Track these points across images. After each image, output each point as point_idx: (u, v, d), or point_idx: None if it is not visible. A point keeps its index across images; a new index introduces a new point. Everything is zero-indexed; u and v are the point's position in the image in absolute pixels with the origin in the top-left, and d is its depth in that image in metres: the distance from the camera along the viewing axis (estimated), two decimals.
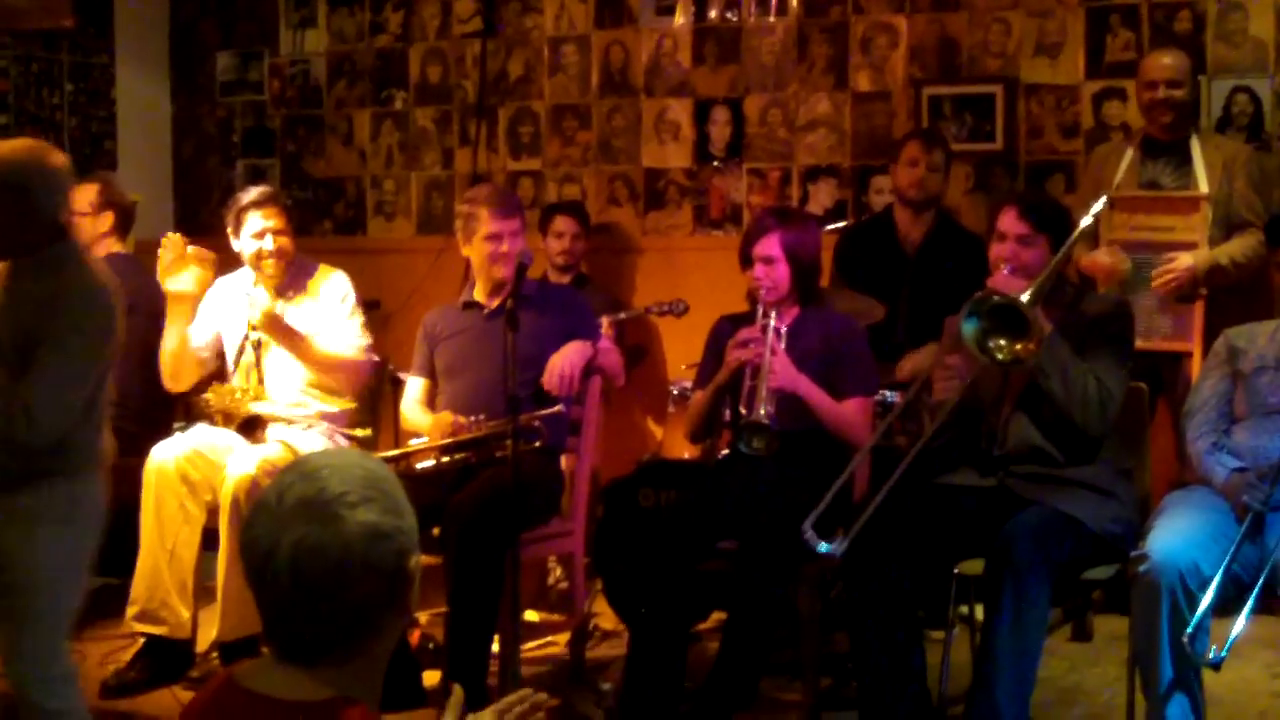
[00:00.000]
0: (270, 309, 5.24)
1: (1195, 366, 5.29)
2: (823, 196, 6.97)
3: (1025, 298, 4.03)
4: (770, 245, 4.82)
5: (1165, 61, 5.69)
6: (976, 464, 4.40)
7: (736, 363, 4.73)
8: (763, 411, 4.51)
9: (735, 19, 7.11)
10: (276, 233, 5.34)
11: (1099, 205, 4.71)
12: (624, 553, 4.58)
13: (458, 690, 2.49)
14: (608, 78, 7.37)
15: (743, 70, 7.11)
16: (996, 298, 4.07)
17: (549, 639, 5.58)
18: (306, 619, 2.14)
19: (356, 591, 2.13)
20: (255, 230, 5.33)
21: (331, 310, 5.41)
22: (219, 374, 5.48)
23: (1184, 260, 5.43)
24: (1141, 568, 3.91)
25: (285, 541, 2.12)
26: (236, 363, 5.37)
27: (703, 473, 5.00)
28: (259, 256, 5.34)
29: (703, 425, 5.03)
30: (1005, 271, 4.34)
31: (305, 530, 2.11)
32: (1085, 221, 4.55)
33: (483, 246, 5.12)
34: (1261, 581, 3.83)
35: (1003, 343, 4.07)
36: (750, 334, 4.73)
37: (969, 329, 4.06)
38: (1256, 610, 3.82)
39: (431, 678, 4.75)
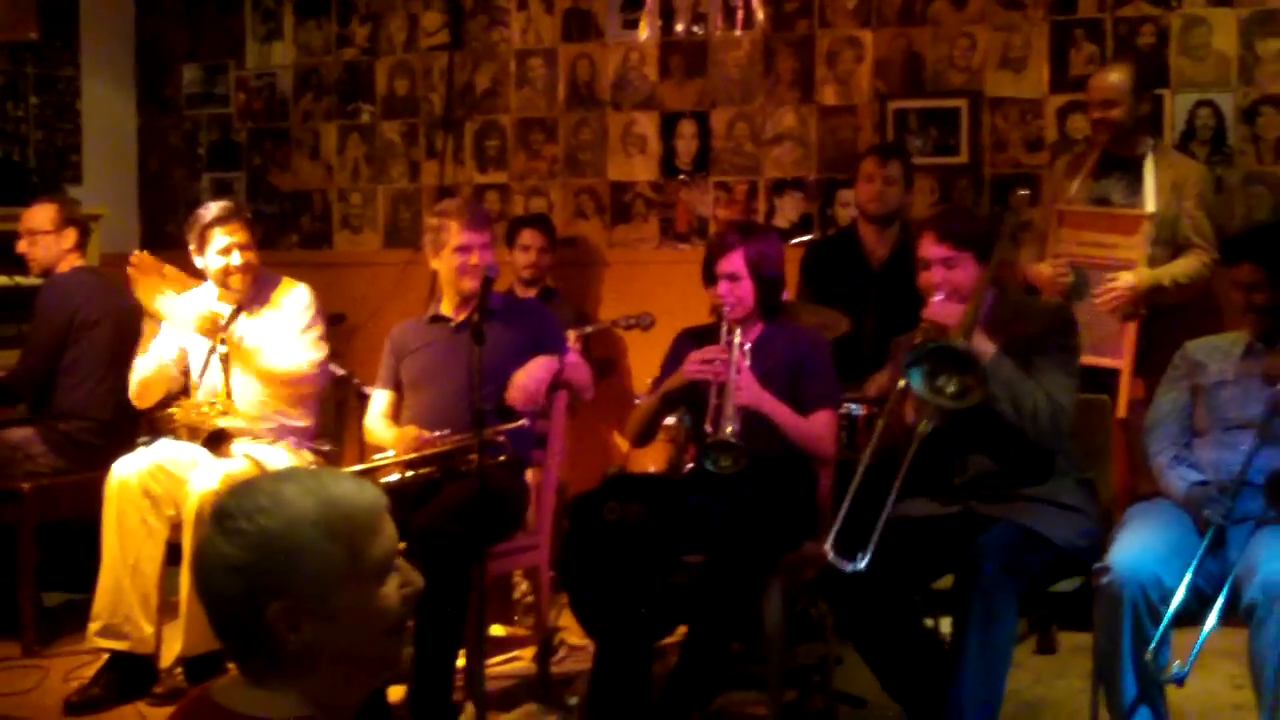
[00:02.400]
0: (210, 315, 5.22)
1: (1124, 383, 5.35)
2: (789, 210, 6.99)
3: (956, 336, 3.99)
4: (734, 262, 4.83)
5: (1105, 81, 5.72)
6: (938, 493, 4.40)
7: (694, 375, 4.73)
8: (729, 430, 4.51)
9: (701, 32, 7.13)
10: (242, 248, 5.33)
11: (1015, 202, 4.76)
12: (590, 567, 4.57)
13: (470, 708, 2.48)
14: (574, 91, 7.37)
15: (709, 84, 7.13)
16: (930, 344, 4.04)
17: (515, 654, 5.57)
18: (222, 634, 2.15)
19: (248, 608, 2.11)
20: (221, 246, 5.31)
21: (289, 321, 5.40)
22: (184, 389, 5.46)
23: (1127, 279, 5.46)
24: (1104, 580, 3.92)
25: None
26: (202, 377, 5.34)
27: (669, 486, 5.00)
28: (226, 272, 5.32)
29: (645, 430, 5.05)
30: (938, 298, 4.32)
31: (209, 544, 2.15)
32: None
33: (452, 259, 5.11)
34: (1224, 594, 3.84)
35: (952, 380, 4.05)
36: (715, 352, 4.73)
37: (916, 380, 4.04)
38: (1219, 623, 3.83)
39: (396, 693, 4.73)
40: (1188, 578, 3.83)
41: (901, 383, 4.24)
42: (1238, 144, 6.25)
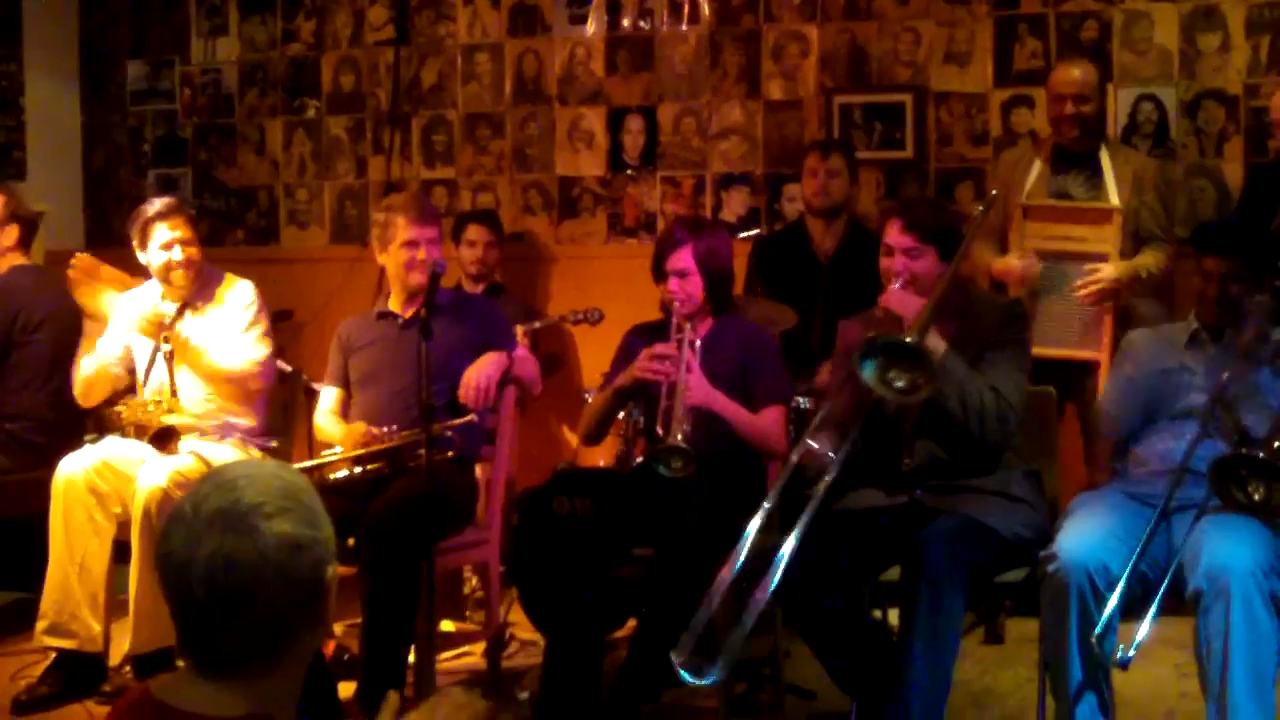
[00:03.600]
0: (154, 314, 5.21)
1: (1104, 375, 5.37)
2: (736, 204, 7.01)
3: (910, 335, 4.00)
4: (683, 258, 4.84)
5: (1073, 76, 5.73)
6: (885, 483, 4.41)
7: (645, 374, 4.74)
8: (679, 436, 4.50)
9: (648, 27, 7.14)
10: (184, 243, 5.32)
11: (986, 203, 4.79)
12: (539, 561, 4.57)
13: (392, 696, 2.49)
14: (521, 86, 7.37)
15: (656, 79, 7.14)
16: (884, 339, 4.05)
17: (465, 649, 5.58)
18: (222, 631, 2.13)
19: (272, 603, 2.12)
20: (163, 241, 5.30)
21: (233, 318, 5.38)
22: (129, 386, 5.43)
23: (1108, 270, 5.50)
24: (1050, 567, 3.95)
25: (201, 553, 2.11)
26: (147, 375, 5.32)
27: (618, 480, 5.01)
28: (168, 268, 5.31)
29: (597, 427, 5.05)
30: (897, 286, 4.34)
31: (221, 541, 2.11)
32: (976, 215, 4.61)
33: (399, 254, 5.10)
34: (1167, 581, 3.88)
35: (902, 374, 4.06)
36: (666, 350, 4.74)
37: (868, 372, 4.03)
38: (1164, 611, 3.86)
39: (347, 689, 4.73)
40: (1132, 563, 3.85)
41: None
42: (1180, 138, 6.31)
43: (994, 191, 5.25)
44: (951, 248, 4.36)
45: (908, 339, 3.95)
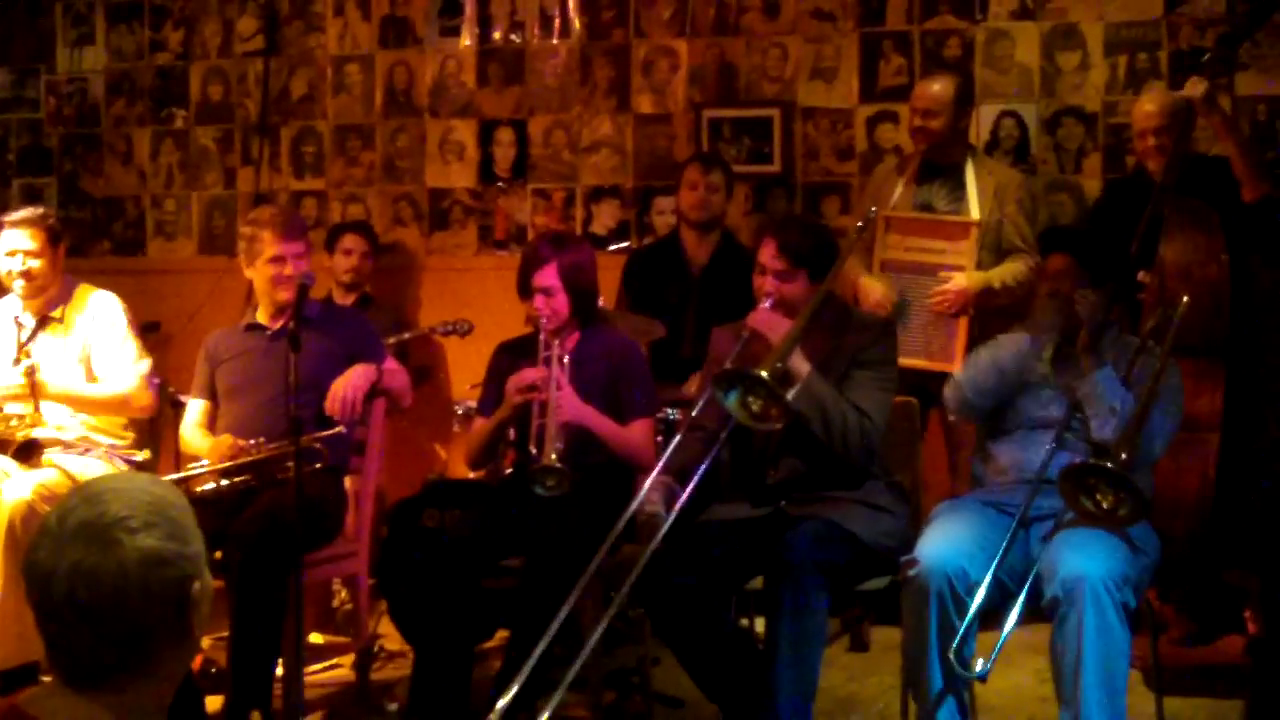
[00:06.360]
0: (30, 370, 5.19)
1: None
2: (606, 217, 7.06)
3: (767, 367, 4.04)
4: (548, 276, 4.86)
5: (926, 90, 5.84)
6: (750, 495, 4.46)
7: (520, 401, 4.76)
8: (554, 456, 4.52)
9: (519, 40, 7.17)
10: (29, 254, 5.29)
11: (865, 221, 4.87)
12: (409, 573, 4.58)
13: (255, 717, 2.49)
14: (392, 98, 7.37)
15: (527, 92, 7.17)
16: (740, 372, 4.05)
17: (334, 661, 5.56)
18: (85, 643, 2.13)
19: (135, 617, 2.12)
20: (8, 249, 5.29)
21: (102, 335, 5.34)
22: None
23: (958, 281, 5.62)
24: (911, 572, 3.99)
25: (63, 565, 2.11)
26: (8, 389, 5.26)
27: (488, 492, 5.03)
28: (9, 276, 5.29)
29: (483, 454, 5.06)
30: (767, 306, 4.38)
31: (84, 554, 2.11)
32: (849, 242, 4.66)
33: (266, 269, 5.08)
34: (1025, 591, 3.94)
35: (758, 401, 4.09)
36: (535, 374, 4.76)
37: (731, 402, 4.08)
38: (1024, 618, 3.92)
39: (214, 703, 4.70)
40: (992, 570, 3.91)
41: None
42: (1040, 153, 6.44)
43: (873, 209, 5.32)
44: (824, 270, 4.40)
45: (764, 373, 4.00)
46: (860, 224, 4.93)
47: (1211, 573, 5.24)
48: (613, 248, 6.66)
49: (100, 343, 5.33)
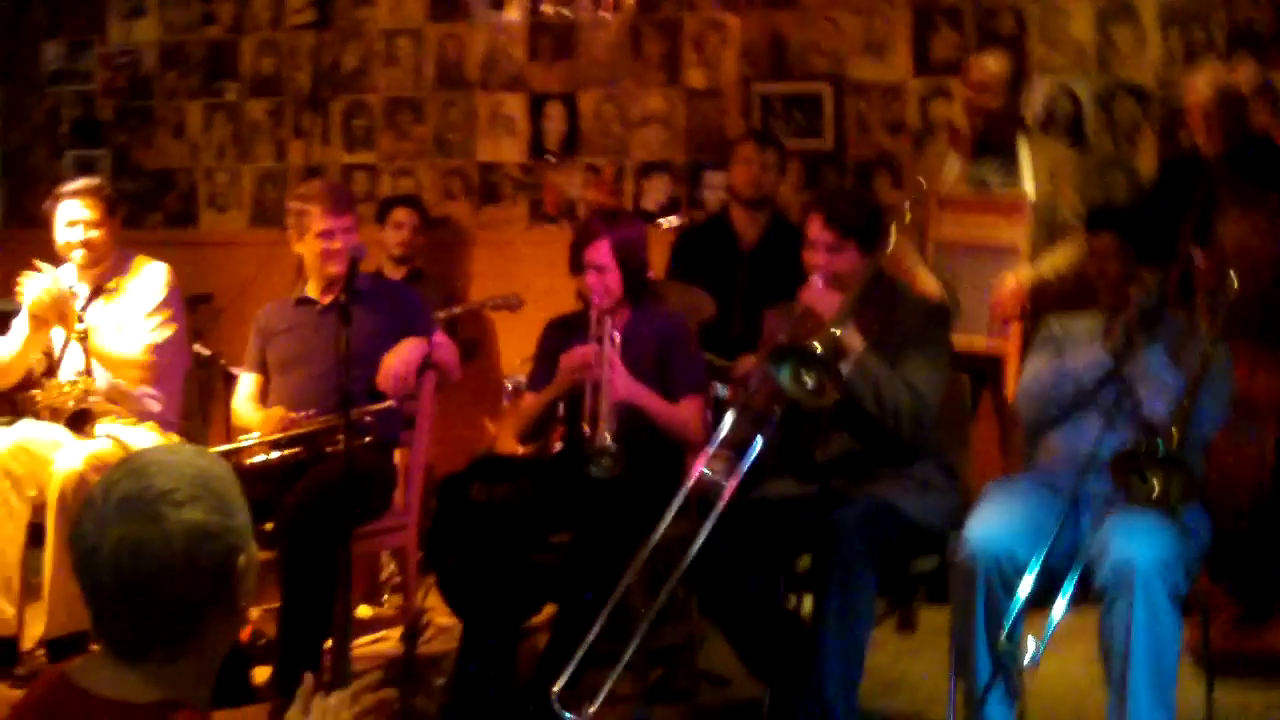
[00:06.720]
0: (53, 293, 5.19)
1: (1013, 367, 5.42)
2: (656, 192, 7.04)
3: (821, 341, 4.03)
4: (601, 252, 4.84)
5: (981, 66, 5.76)
6: (798, 472, 4.45)
7: (572, 381, 4.76)
8: (608, 437, 4.51)
9: (569, 14, 7.15)
10: (89, 224, 5.31)
11: (914, 198, 4.82)
12: (457, 547, 4.58)
13: (308, 679, 2.49)
14: (442, 71, 7.37)
15: (577, 65, 7.15)
16: (794, 346, 4.05)
17: (382, 634, 5.56)
18: (130, 616, 2.14)
19: (179, 590, 2.13)
20: (69, 219, 5.32)
21: (140, 300, 5.37)
22: (46, 369, 5.40)
23: (1009, 283, 5.52)
24: (959, 555, 3.99)
25: (109, 538, 2.12)
26: (62, 357, 5.29)
27: (537, 467, 5.03)
28: (68, 246, 5.31)
29: (533, 430, 5.06)
30: (818, 282, 4.36)
31: (128, 528, 2.12)
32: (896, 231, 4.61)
33: (315, 244, 5.09)
34: (1075, 576, 3.90)
35: (813, 376, 4.07)
36: (588, 353, 4.75)
37: (783, 377, 4.05)
38: (1073, 602, 3.88)
39: (262, 673, 4.72)
40: (1039, 560, 3.86)
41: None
42: (1095, 130, 6.38)
43: (922, 181, 5.26)
44: (873, 240, 4.38)
45: (817, 345, 3.97)
46: (908, 202, 4.88)
47: (1267, 556, 5.18)
48: (665, 225, 6.64)
49: (136, 306, 5.35)
